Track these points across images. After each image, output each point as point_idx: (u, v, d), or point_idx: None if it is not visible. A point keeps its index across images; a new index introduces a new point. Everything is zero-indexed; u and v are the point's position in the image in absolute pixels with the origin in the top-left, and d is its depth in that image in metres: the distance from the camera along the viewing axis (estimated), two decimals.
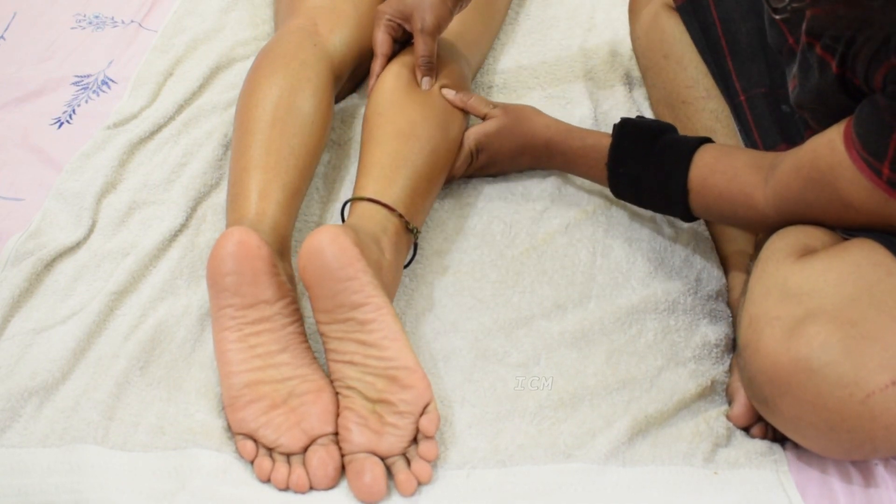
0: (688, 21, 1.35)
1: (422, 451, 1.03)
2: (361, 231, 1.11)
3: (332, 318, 1.05)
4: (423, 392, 1.03)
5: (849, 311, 0.96)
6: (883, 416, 0.94)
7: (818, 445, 1.00)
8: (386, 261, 1.13)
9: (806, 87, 1.07)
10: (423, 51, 1.32)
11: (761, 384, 0.99)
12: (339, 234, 1.05)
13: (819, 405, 0.95)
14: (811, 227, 1.08)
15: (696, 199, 1.18)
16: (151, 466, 1.03)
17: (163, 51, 1.57)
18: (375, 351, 1.04)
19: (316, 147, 1.27)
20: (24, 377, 1.10)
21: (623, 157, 1.23)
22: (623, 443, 1.08)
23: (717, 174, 1.15)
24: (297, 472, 1.02)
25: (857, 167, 0.99)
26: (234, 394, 1.05)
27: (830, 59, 1.01)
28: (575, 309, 1.22)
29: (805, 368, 0.95)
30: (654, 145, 1.21)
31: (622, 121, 1.26)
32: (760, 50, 1.29)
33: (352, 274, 1.04)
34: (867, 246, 1.02)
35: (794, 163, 1.08)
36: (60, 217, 1.30)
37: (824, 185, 1.04)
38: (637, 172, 1.22)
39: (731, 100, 1.31)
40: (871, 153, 0.98)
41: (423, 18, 1.32)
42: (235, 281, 1.06)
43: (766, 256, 1.06)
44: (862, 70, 0.97)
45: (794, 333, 0.96)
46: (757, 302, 1.02)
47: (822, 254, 1.03)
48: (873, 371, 0.93)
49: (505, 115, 1.33)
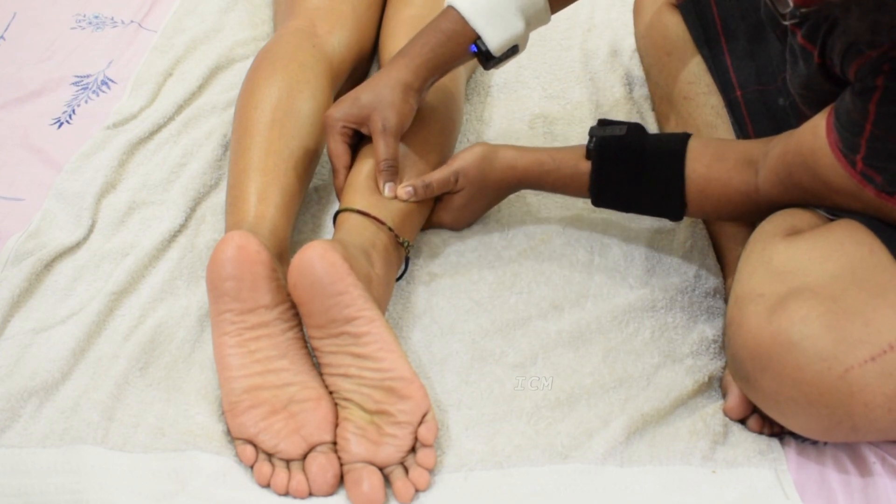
0: (688, 17, 1.36)
1: (420, 460, 1.03)
2: (350, 245, 1.11)
3: (326, 332, 1.06)
4: (420, 402, 1.04)
5: (831, 288, 0.97)
6: (862, 392, 0.94)
7: (798, 423, 1.00)
8: (376, 274, 1.13)
9: (794, 73, 1.09)
10: (385, 154, 1.20)
11: (743, 360, 1.00)
12: (327, 249, 1.05)
13: (798, 379, 0.96)
14: (799, 210, 1.10)
15: (692, 209, 1.19)
16: (151, 467, 1.04)
17: (162, 51, 1.58)
18: (371, 363, 1.04)
19: (315, 149, 1.27)
20: (23, 377, 1.10)
21: (607, 183, 1.22)
22: (620, 442, 1.08)
23: (713, 182, 1.16)
24: (296, 478, 1.02)
25: (836, 156, 1.02)
26: (233, 399, 1.05)
27: (812, 49, 1.03)
28: (572, 309, 1.22)
29: (785, 342, 0.95)
30: (638, 166, 1.19)
31: (597, 143, 1.21)
32: (759, 47, 1.29)
33: (342, 289, 1.04)
34: (851, 226, 1.03)
35: (782, 148, 1.10)
36: (60, 217, 1.30)
37: (807, 167, 1.06)
38: (625, 195, 1.22)
39: (727, 95, 1.31)
40: (847, 147, 1.00)
41: (384, 118, 1.20)
42: (235, 286, 1.06)
43: (754, 238, 1.08)
44: (838, 62, 0.99)
45: (776, 309, 0.97)
46: (743, 281, 1.03)
47: (807, 234, 1.05)
48: (853, 346, 0.94)
49: (468, 184, 1.25)
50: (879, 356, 0.94)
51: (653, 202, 1.21)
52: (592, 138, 1.21)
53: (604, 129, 1.22)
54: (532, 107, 1.52)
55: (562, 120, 1.50)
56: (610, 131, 1.21)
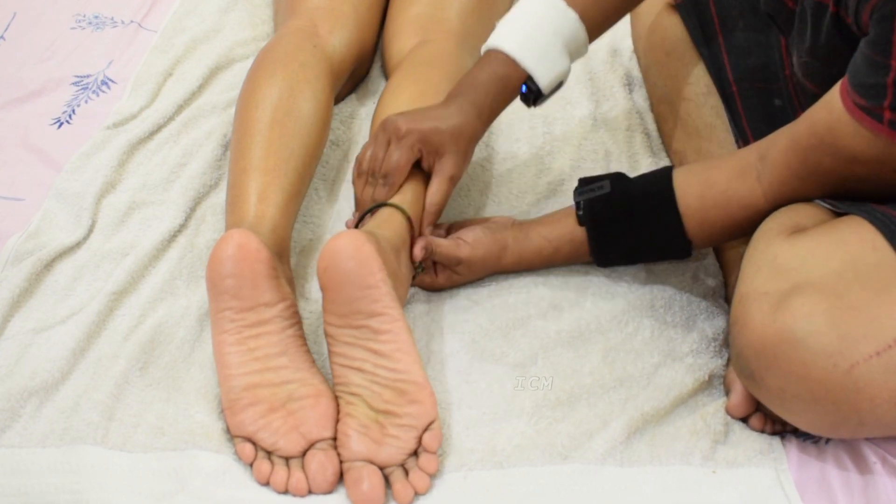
0: (687, 17, 1.35)
1: (422, 464, 1.03)
2: (383, 240, 1.11)
3: (346, 322, 1.05)
4: (429, 409, 1.04)
5: (834, 284, 0.97)
6: (867, 387, 0.94)
7: (804, 419, 1.00)
8: (402, 273, 1.13)
9: (800, 44, 1.07)
10: (440, 200, 1.20)
11: (748, 358, 0.99)
12: (365, 241, 1.05)
13: (804, 376, 0.95)
14: (802, 206, 1.08)
15: (699, 241, 1.18)
16: (151, 467, 1.04)
17: (162, 51, 1.58)
18: (386, 362, 1.04)
19: (315, 148, 1.27)
20: (23, 377, 1.10)
21: (607, 246, 1.20)
22: (620, 442, 1.08)
23: (711, 212, 1.14)
24: (295, 476, 1.02)
25: (856, 118, 0.99)
26: (232, 396, 1.05)
27: (827, 1, 1.01)
28: (571, 308, 1.22)
29: (790, 339, 0.95)
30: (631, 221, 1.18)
31: (586, 209, 1.19)
32: (757, 46, 1.29)
33: (372, 283, 1.04)
34: (855, 223, 1.02)
35: (789, 139, 1.08)
36: (60, 217, 1.30)
37: (825, 147, 1.04)
38: (628, 251, 1.21)
39: (723, 90, 1.31)
40: (870, 98, 0.97)
41: (456, 167, 1.19)
42: (235, 284, 1.06)
43: (757, 236, 1.07)
44: (853, 7, 0.97)
45: (780, 306, 0.96)
46: (747, 279, 1.02)
47: (811, 231, 1.04)
48: (857, 341, 0.94)
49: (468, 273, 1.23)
50: (884, 351, 0.94)
51: (657, 250, 1.20)
52: (580, 204, 1.20)
53: (587, 192, 1.20)
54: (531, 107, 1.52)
55: (561, 120, 1.50)
56: (594, 192, 1.19)
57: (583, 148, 1.45)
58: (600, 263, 1.24)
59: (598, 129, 1.48)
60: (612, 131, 1.48)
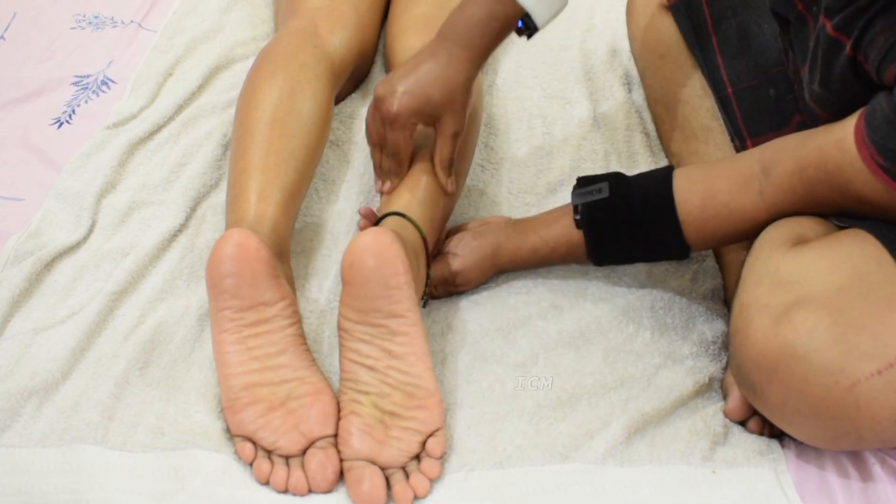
0: (679, 19, 1.34)
1: (424, 468, 1.03)
2: (407, 242, 1.11)
3: (364, 319, 1.05)
4: (436, 417, 1.04)
5: (838, 300, 0.96)
6: (868, 405, 0.94)
7: (804, 433, 1.00)
8: (420, 278, 1.13)
9: (814, 76, 1.06)
10: (450, 154, 1.21)
11: (749, 371, 0.99)
12: (393, 240, 1.05)
13: (805, 392, 0.95)
14: (805, 218, 1.08)
15: (696, 245, 1.17)
16: (151, 467, 1.04)
17: (162, 51, 1.58)
18: (400, 364, 1.04)
19: (315, 148, 1.27)
20: (24, 377, 1.10)
21: (604, 248, 1.20)
22: (620, 442, 1.08)
23: (710, 221, 1.13)
24: (295, 475, 1.02)
25: (872, 171, 0.98)
26: (232, 396, 1.05)
27: (845, 41, 0.99)
28: (571, 309, 1.22)
29: (792, 354, 0.94)
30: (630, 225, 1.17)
31: (584, 213, 1.18)
32: (749, 42, 1.28)
33: (396, 284, 1.04)
34: (859, 237, 1.02)
35: (796, 164, 1.06)
36: (60, 217, 1.30)
37: (834, 185, 1.03)
38: (625, 253, 1.21)
39: (718, 92, 1.30)
40: (890, 161, 0.96)
41: (457, 122, 1.20)
42: (234, 283, 1.06)
43: (759, 245, 1.06)
44: (875, 59, 0.95)
45: (782, 320, 0.96)
46: (748, 290, 1.01)
47: (814, 243, 1.03)
48: (860, 359, 0.93)
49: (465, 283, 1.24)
50: (886, 370, 0.93)
51: (654, 252, 1.20)
52: (577, 208, 1.19)
53: (585, 195, 1.19)
54: (531, 107, 1.52)
55: (561, 120, 1.50)
56: (592, 196, 1.18)
57: (582, 148, 1.45)
58: (597, 263, 1.24)
59: (597, 128, 1.48)
60: (612, 131, 1.48)
